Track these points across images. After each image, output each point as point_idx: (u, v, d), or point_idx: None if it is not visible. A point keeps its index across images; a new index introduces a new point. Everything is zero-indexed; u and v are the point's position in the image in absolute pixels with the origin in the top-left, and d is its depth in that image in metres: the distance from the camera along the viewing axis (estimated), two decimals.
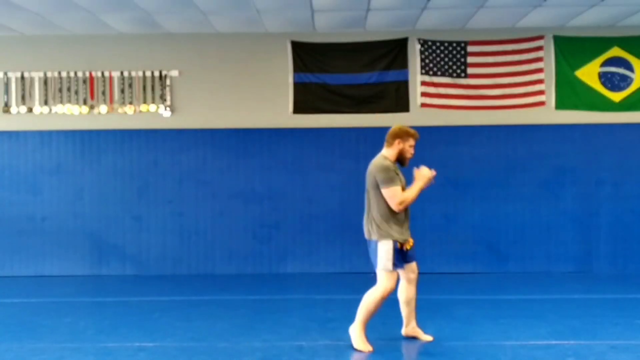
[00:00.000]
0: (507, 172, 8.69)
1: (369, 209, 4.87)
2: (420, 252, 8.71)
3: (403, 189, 4.79)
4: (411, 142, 4.94)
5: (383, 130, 8.64)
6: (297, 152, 8.75)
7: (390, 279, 4.76)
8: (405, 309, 5.09)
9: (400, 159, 4.96)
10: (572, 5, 7.74)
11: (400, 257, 4.80)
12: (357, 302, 6.48)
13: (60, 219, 8.72)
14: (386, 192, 4.73)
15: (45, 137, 8.75)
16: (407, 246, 4.83)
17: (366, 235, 4.90)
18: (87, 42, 8.74)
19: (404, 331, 5.17)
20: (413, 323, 5.12)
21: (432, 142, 8.70)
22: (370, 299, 4.80)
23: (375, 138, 8.67)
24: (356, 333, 4.87)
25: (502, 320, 5.80)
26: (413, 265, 5.02)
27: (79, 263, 8.71)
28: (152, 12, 7.81)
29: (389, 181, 4.73)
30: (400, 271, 4.97)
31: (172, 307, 6.57)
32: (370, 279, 8.53)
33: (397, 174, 4.82)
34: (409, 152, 4.95)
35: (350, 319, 5.58)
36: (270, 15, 7.97)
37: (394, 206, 4.72)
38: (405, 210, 4.87)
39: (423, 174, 4.85)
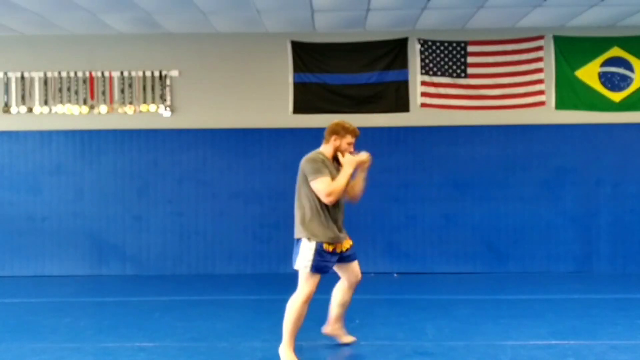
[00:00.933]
0: (507, 172, 8.69)
1: (295, 207, 4.57)
2: (420, 252, 8.80)
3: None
4: (349, 139, 4.55)
5: (383, 130, 8.72)
6: (297, 152, 8.64)
7: (310, 283, 4.42)
8: (336, 310, 4.82)
9: (337, 158, 4.58)
10: (572, 5, 7.73)
11: (328, 259, 4.45)
12: (357, 302, 6.48)
13: (60, 219, 8.72)
14: (314, 184, 4.36)
15: (45, 137, 8.75)
16: (339, 248, 4.51)
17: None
18: (87, 42, 8.74)
19: (325, 329, 4.93)
20: (339, 324, 4.90)
21: (432, 142, 8.72)
22: (291, 309, 4.42)
23: (375, 138, 8.73)
24: (286, 354, 4.41)
25: (502, 320, 5.80)
26: (354, 266, 4.72)
27: (79, 263, 8.71)
28: (152, 12, 7.81)
29: (316, 172, 4.36)
30: (341, 272, 4.72)
31: (172, 307, 6.57)
32: (370, 279, 8.52)
33: (327, 166, 4.45)
34: (347, 150, 4.55)
35: (350, 319, 5.59)
36: (270, 15, 7.97)
37: (323, 198, 4.34)
38: (337, 208, 4.51)
39: (349, 160, 4.45)
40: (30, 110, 8.70)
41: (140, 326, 5.69)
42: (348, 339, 4.94)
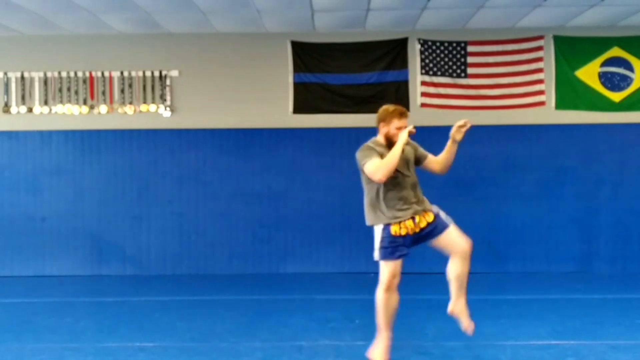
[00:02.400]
0: (507, 172, 8.68)
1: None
2: (420, 252, 8.76)
3: None
4: (396, 122, 4.39)
5: None
6: (297, 152, 8.75)
7: (386, 271, 4.31)
8: (452, 285, 4.66)
9: (390, 144, 4.40)
10: (572, 5, 7.73)
11: (400, 243, 4.34)
12: (357, 302, 6.50)
13: (60, 219, 8.71)
14: (365, 168, 4.28)
15: (45, 137, 8.75)
16: (404, 230, 4.33)
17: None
18: (87, 42, 8.74)
19: (449, 308, 4.67)
20: (462, 301, 4.62)
21: (432, 142, 8.67)
22: (376, 300, 4.36)
23: None
24: (375, 346, 4.39)
25: (502, 320, 5.80)
26: (448, 236, 4.58)
27: (79, 263, 8.71)
28: (152, 12, 7.81)
29: (364, 157, 4.30)
30: (442, 249, 4.58)
31: (172, 307, 6.57)
32: (370, 279, 8.52)
33: (375, 149, 4.35)
34: (397, 134, 4.38)
35: (350, 318, 5.60)
36: (270, 15, 7.97)
37: (373, 177, 4.22)
38: (400, 186, 4.36)
39: (400, 135, 4.37)
40: (30, 110, 8.70)
41: (140, 326, 5.69)
42: (468, 324, 4.57)
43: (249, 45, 8.74)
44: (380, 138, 4.52)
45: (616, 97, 8.63)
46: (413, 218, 4.40)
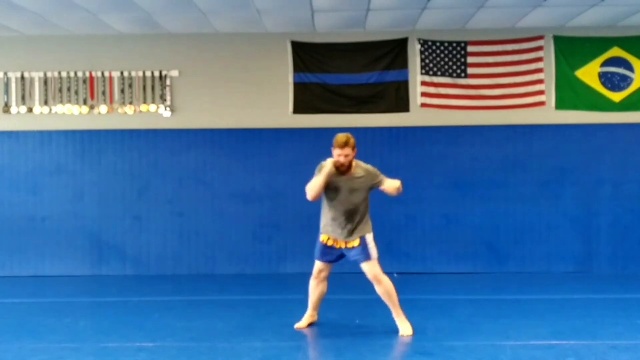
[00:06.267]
0: (507, 172, 8.69)
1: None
2: (420, 252, 8.80)
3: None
4: (336, 150, 5.06)
5: (383, 130, 8.73)
6: (297, 152, 8.74)
7: (315, 266, 5.43)
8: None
9: (337, 167, 5.13)
10: (572, 5, 7.74)
11: (327, 252, 5.31)
12: (357, 302, 6.50)
13: (60, 219, 8.72)
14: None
15: (45, 137, 8.75)
16: (337, 244, 5.27)
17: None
18: (87, 42, 8.74)
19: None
20: (402, 317, 5.37)
21: (432, 142, 8.72)
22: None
23: (375, 138, 8.74)
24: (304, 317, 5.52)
25: (502, 320, 5.80)
26: (363, 266, 5.42)
27: (79, 263, 8.71)
28: (152, 12, 7.81)
29: (315, 173, 5.17)
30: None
31: (172, 307, 6.57)
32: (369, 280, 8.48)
33: (320, 170, 5.14)
34: (337, 161, 5.09)
35: (350, 318, 5.60)
36: (270, 15, 7.97)
37: (306, 196, 5.19)
38: (339, 210, 5.17)
39: (328, 164, 5.12)
40: (30, 110, 8.70)
41: (140, 326, 5.69)
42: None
43: (249, 45, 8.74)
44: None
45: (616, 97, 8.63)
46: (336, 239, 5.25)
